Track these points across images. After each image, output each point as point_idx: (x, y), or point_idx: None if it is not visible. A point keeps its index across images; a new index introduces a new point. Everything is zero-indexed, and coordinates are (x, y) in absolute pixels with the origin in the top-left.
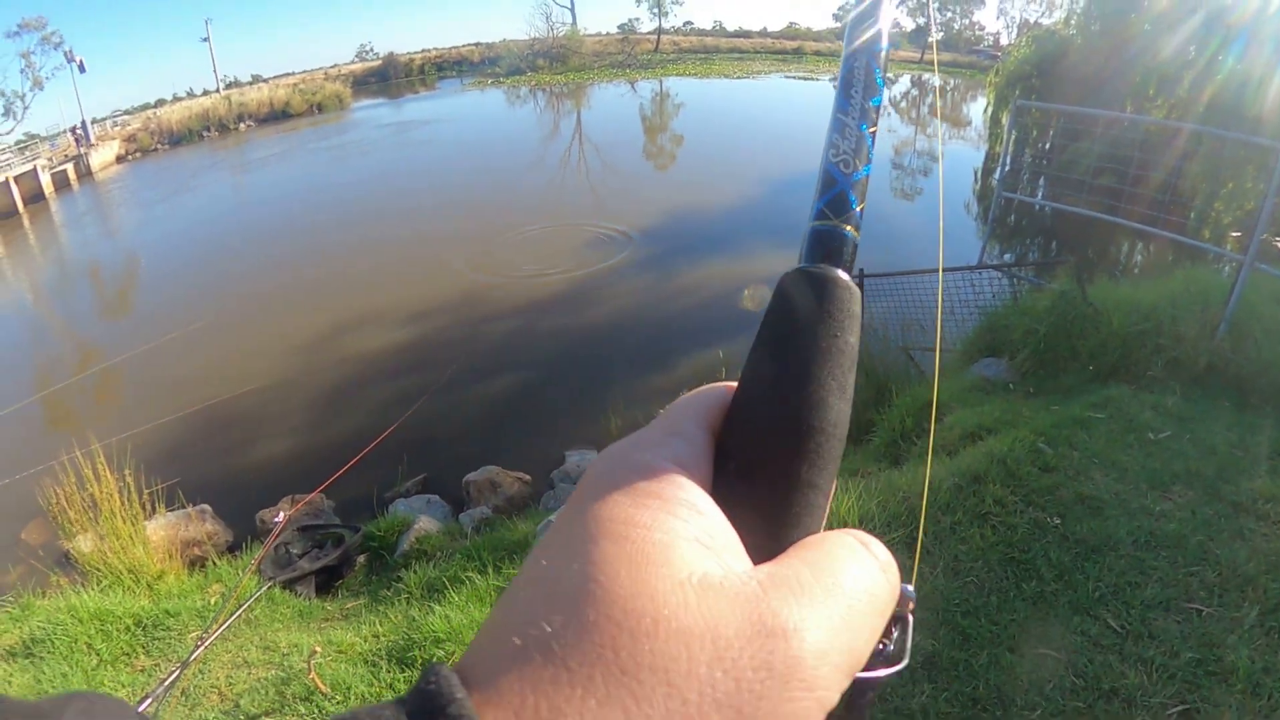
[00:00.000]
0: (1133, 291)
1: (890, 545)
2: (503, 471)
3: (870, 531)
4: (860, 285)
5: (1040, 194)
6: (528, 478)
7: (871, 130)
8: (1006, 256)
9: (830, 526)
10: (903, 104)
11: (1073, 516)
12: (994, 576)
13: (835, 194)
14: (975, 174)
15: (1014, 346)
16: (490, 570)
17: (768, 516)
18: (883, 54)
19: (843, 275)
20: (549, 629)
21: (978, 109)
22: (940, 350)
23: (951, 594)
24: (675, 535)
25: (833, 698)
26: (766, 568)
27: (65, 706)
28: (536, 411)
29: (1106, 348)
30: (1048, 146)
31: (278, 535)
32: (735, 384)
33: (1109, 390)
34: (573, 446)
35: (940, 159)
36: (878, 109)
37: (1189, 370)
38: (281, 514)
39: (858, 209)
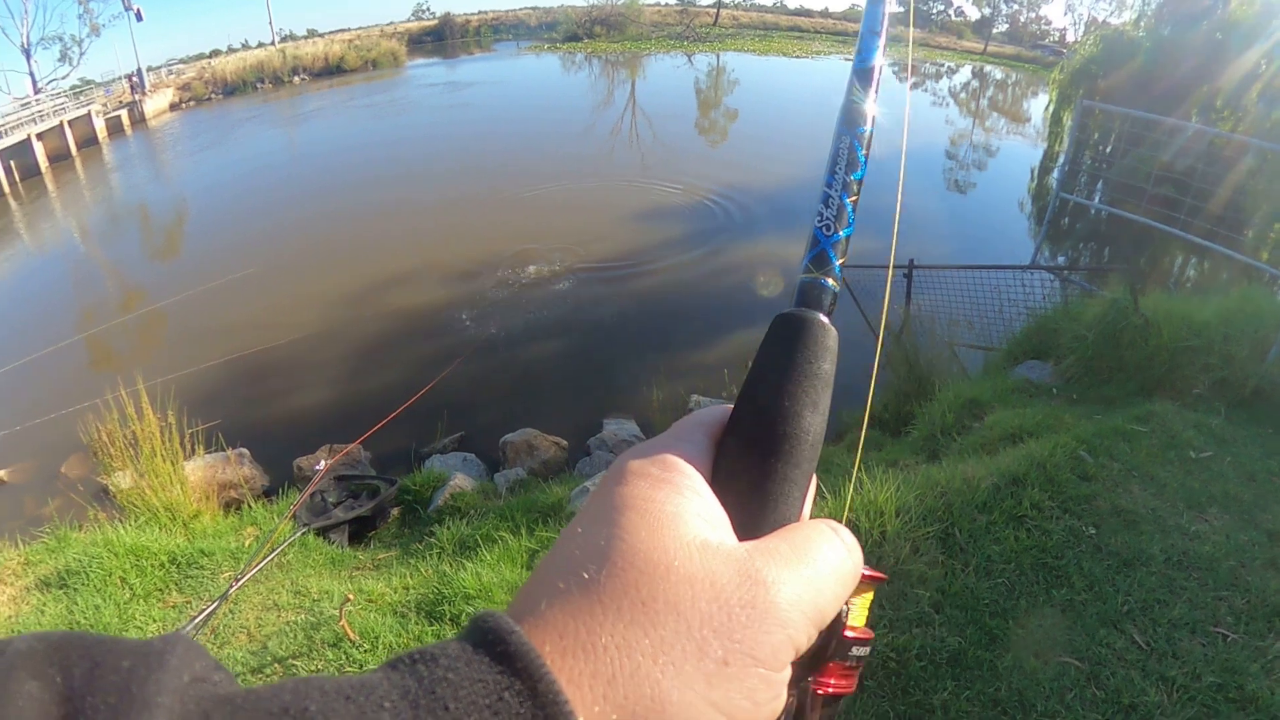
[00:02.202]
0: (1185, 306)
1: (924, 539)
2: (540, 435)
3: (906, 523)
4: (909, 276)
5: (1097, 198)
6: (564, 443)
7: (852, 200)
8: (1060, 259)
9: (871, 514)
10: (962, 95)
11: (1108, 528)
12: (1025, 580)
13: (818, 252)
14: (1032, 172)
15: (1060, 351)
16: (523, 531)
17: (752, 503)
18: (866, 134)
19: (822, 318)
20: (586, 575)
21: (1038, 106)
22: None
23: (981, 593)
24: (683, 509)
25: (800, 639)
26: (754, 542)
27: (173, 647)
28: (576, 378)
29: (1154, 361)
30: (1108, 150)
31: (318, 482)
32: (731, 407)
33: (1153, 404)
34: (610, 415)
35: (903, 154)
36: (859, 181)
37: (1236, 392)
38: (322, 462)
39: (837, 263)
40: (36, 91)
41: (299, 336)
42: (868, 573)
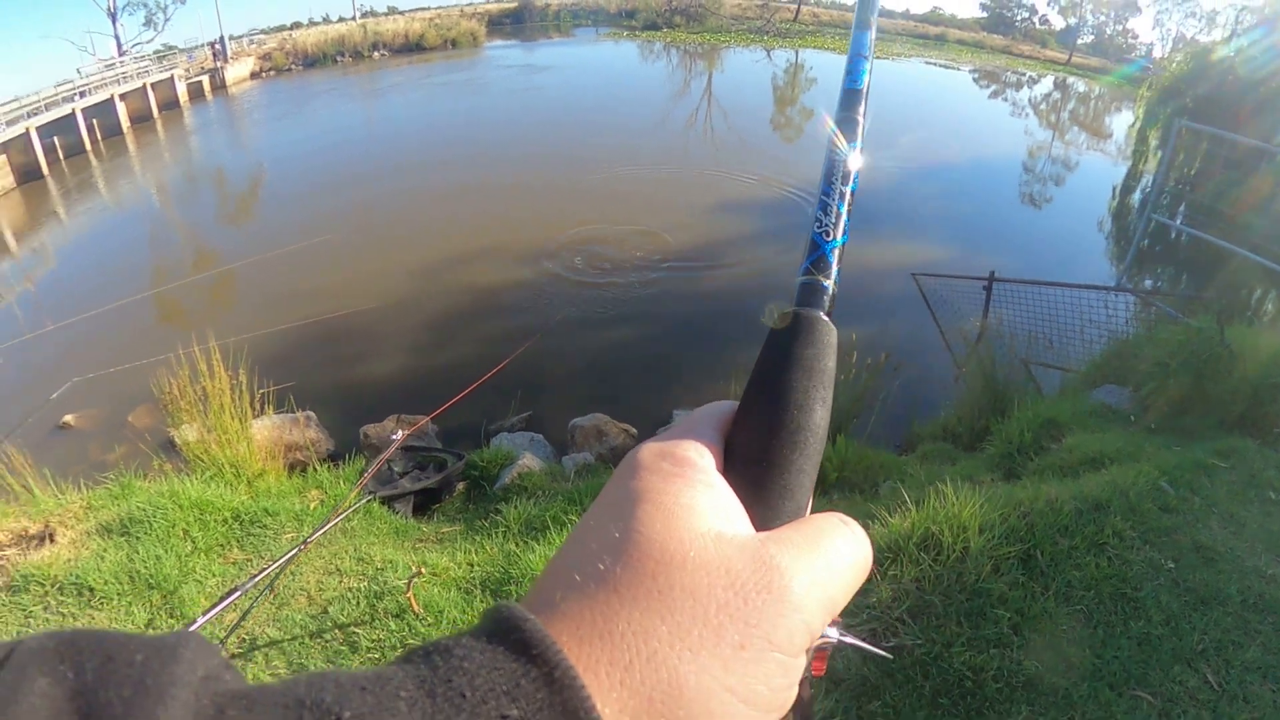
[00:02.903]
0: (1273, 339)
1: (1005, 559)
2: (610, 421)
3: (989, 541)
4: (988, 289)
5: (1179, 219)
6: (634, 430)
7: (847, 208)
8: (1147, 282)
9: (954, 528)
10: (1042, 106)
11: (1187, 563)
12: (1103, 609)
13: (818, 256)
14: (1114, 190)
15: (1140, 377)
16: None
17: (768, 494)
18: (858, 149)
19: (823, 316)
20: (602, 567)
21: (1120, 122)
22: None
23: (1060, 619)
24: (696, 501)
25: (815, 625)
26: (769, 532)
27: (186, 642)
28: (648, 366)
29: (1236, 395)
30: (1192, 171)
31: (391, 453)
32: (738, 402)
33: (1234, 440)
34: (682, 405)
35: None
36: (853, 192)
37: None
38: (399, 432)
39: (835, 266)
40: (121, 54)
41: (373, 306)
42: None
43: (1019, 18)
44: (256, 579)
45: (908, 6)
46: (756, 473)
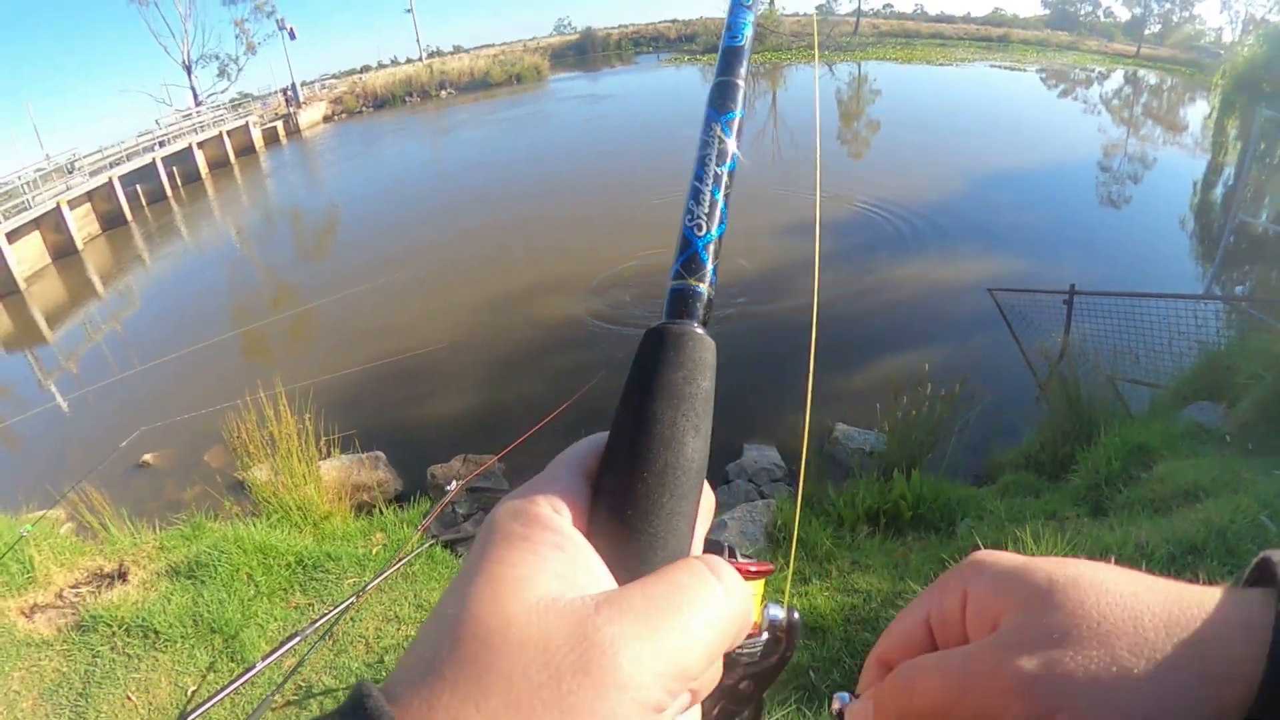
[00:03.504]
0: None
1: None
2: None
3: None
4: (1069, 303)
5: (1264, 215)
6: None
7: (725, 194)
8: (1238, 289)
9: None
10: (1114, 102)
11: None
12: None
13: (689, 255)
14: (1194, 186)
15: (1234, 392)
16: None
17: (633, 544)
18: (736, 120)
19: (696, 328)
20: (433, 650)
21: (1196, 113)
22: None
23: None
24: (536, 570)
25: (656, 698)
26: (606, 593)
27: None
28: (716, 399)
29: None
30: (1276, 161)
31: (452, 498)
32: (608, 434)
33: None
34: (751, 440)
35: (818, 199)
36: (731, 173)
37: None
38: (454, 483)
39: (709, 266)
40: (198, 104)
41: (441, 344)
42: (755, 568)
43: (1083, 12)
44: (316, 625)
45: (969, 10)
46: (621, 521)
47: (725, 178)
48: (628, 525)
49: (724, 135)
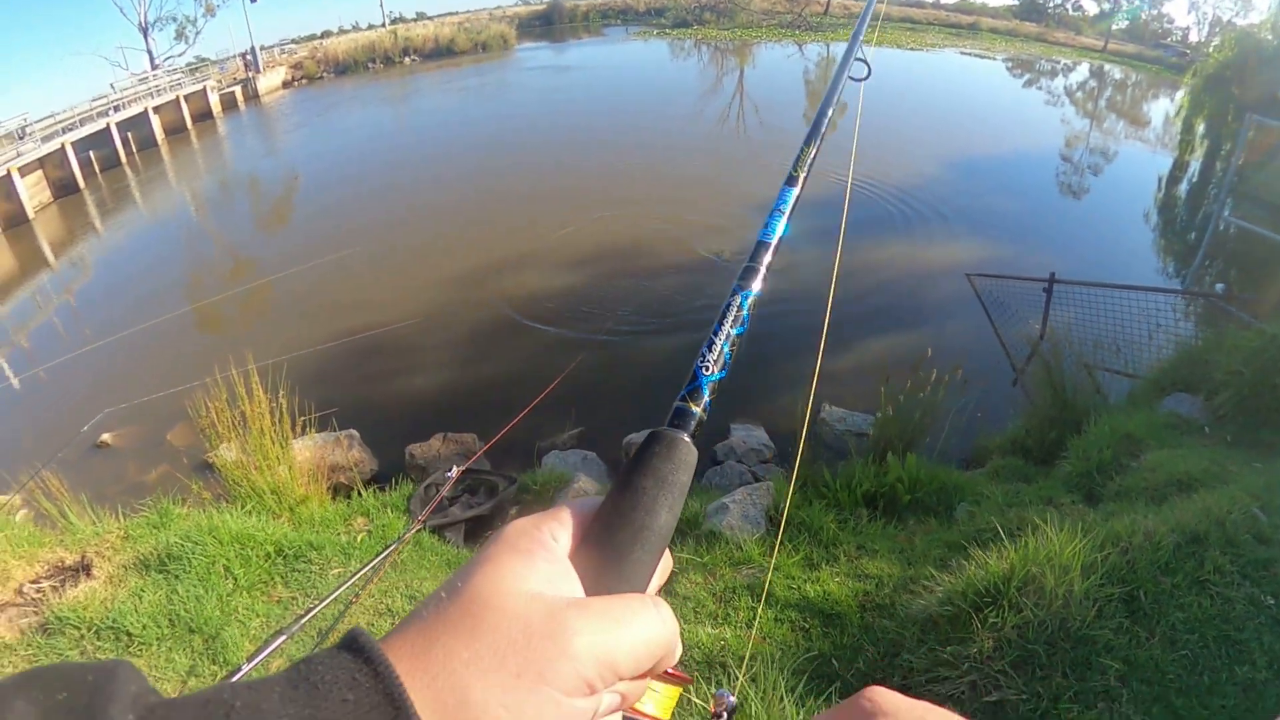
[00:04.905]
0: None
1: (1108, 602)
2: None
3: (1091, 581)
4: (1048, 291)
5: (1227, 211)
6: (693, 447)
7: (731, 349)
8: (1219, 287)
9: (1055, 568)
10: (1078, 94)
11: None
12: (1208, 654)
13: (694, 386)
14: (1160, 182)
15: (1212, 385)
16: None
17: (605, 575)
18: (753, 299)
19: (685, 438)
20: (438, 606)
21: (1158, 109)
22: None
23: (1167, 667)
24: (530, 572)
25: (589, 676)
26: (578, 599)
27: (120, 666)
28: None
29: None
30: (1239, 161)
31: (446, 491)
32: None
33: None
34: (739, 420)
35: (845, 209)
36: (740, 336)
37: None
38: (454, 468)
39: (706, 399)
40: (154, 68)
41: (412, 319)
42: (673, 672)
43: (1051, 4)
44: (302, 622)
45: None
46: (601, 558)
47: (734, 338)
48: (604, 560)
49: (741, 305)
